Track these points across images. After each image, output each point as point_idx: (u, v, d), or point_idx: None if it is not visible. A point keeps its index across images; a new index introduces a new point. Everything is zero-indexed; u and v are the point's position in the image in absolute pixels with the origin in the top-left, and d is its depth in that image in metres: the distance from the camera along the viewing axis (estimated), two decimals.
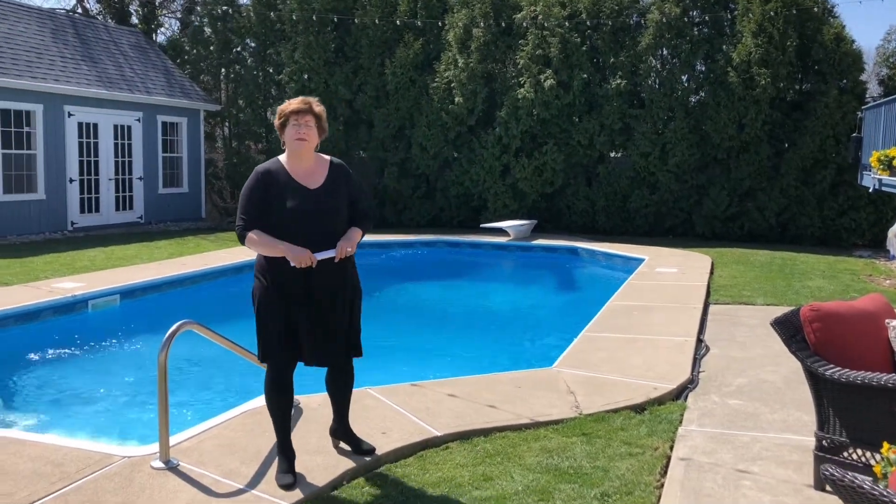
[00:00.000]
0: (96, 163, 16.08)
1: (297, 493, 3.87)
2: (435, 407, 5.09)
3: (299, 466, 4.13)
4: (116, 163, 16.61)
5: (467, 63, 17.10)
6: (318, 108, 4.07)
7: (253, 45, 20.21)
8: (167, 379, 4.13)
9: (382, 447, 4.43)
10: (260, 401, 4.91)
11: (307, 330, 3.94)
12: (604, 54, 16.83)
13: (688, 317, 8.03)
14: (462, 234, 16.37)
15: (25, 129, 14.48)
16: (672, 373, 5.93)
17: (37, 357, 7.01)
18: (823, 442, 3.84)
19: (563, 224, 17.63)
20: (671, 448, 4.51)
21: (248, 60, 20.47)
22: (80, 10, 25.02)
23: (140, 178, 17.22)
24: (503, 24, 17.47)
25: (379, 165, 18.63)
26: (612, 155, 17.45)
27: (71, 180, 15.45)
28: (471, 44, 17.25)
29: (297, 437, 4.42)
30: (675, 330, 7.41)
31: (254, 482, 3.96)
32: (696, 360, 6.44)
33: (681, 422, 4.96)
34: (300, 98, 4.05)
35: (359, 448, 4.29)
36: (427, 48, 18.06)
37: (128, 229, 16.39)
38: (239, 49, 20.52)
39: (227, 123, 20.88)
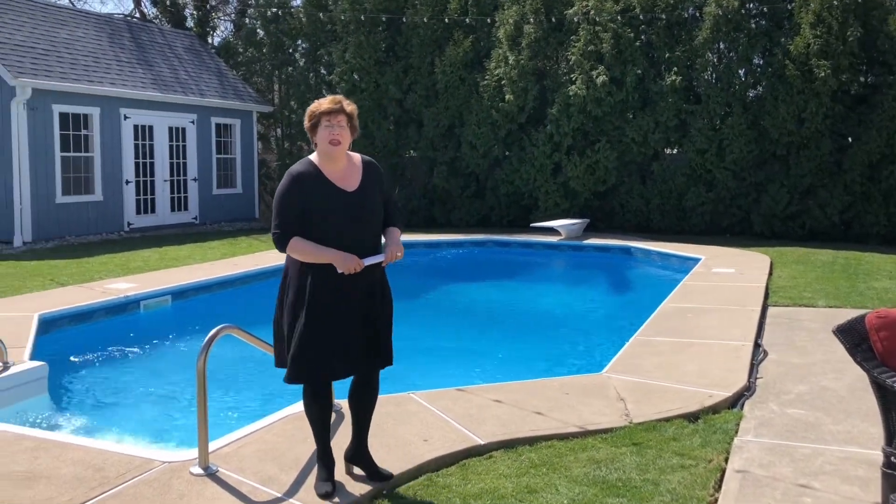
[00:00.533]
0: (152, 164, 16.35)
1: (336, 503, 3.78)
2: (479, 413, 4.96)
3: (339, 474, 4.04)
4: (171, 164, 16.87)
5: (518, 60, 16.91)
6: (350, 107, 3.94)
7: (304, 46, 20.34)
8: (206, 384, 4.08)
9: (423, 455, 4.31)
10: (301, 405, 4.84)
11: (342, 338, 3.83)
12: (658, 49, 16.45)
13: (745, 320, 7.74)
14: (512, 233, 16.19)
15: (83, 132, 14.78)
16: (728, 379, 5.69)
17: (88, 358, 7.09)
18: (892, 458, 3.60)
19: (616, 223, 17.30)
20: (726, 460, 4.30)
21: (300, 61, 20.61)
22: (137, 15, 25.55)
23: (194, 180, 17.46)
24: (554, 20, 17.22)
25: (428, 165, 18.56)
26: (669, 152, 17.07)
27: (127, 182, 15.73)
28: (521, 40, 17.05)
29: (338, 444, 4.33)
30: (732, 334, 7.14)
31: (292, 490, 3.88)
32: (754, 366, 6.18)
33: (736, 432, 4.73)
34: (331, 97, 3.91)
35: (375, 474, 4.00)
36: (477, 46, 17.92)
37: (182, 230, 16.63)
38: (291, 50, 20.67)
39: (279, 124, 21.06)
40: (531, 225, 16.07)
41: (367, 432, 4.08)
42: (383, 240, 4.00)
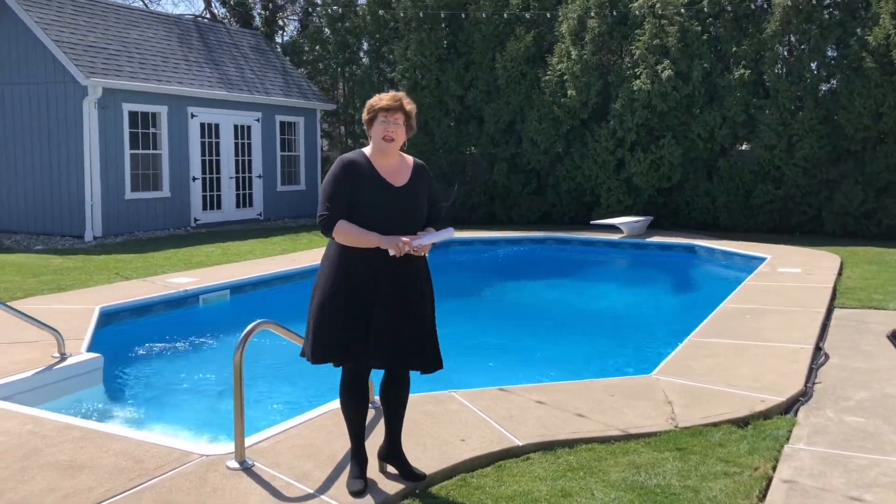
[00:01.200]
0: (218, 162, 16.70)
1: (367, 501, 3.76)
2: (520, 414, 4.88)
3: (373, 472, 4.02)
4: (237, 161, 17.20)
5: (581, 55, 16.67)
6: (410, 106, 3.93)
7: (368, 44, 20.49)
8: (242, 379, 4.12)
9: (460, 455, 4.26)
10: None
11: (378, 328, 3.80)
12: (726, 43, 16.02)
13: (808, 322, 7.44)
14: (573, 230, 15.98)
15: (152, 129, 15.19)
16: (783, 384, 5.47)
17: (144, 350, 7.26)
18: None
19: (680, 221, 16.92)
20: (773, 469, 4.12)
21: (364, 59, 20.77)
22: (207, 15, 26.15)
23: (259, 177, 17.77)
24: (618, 14, 16.92)
25: (489, 161, 18.48)
26: (740, 147, 16.59)
27: (194, 178, 16.11)
28: (585, 35, 16.81)
29: (375, 442, 4.31)
30: (792, 336, 6.87)
31: (324, 487, 3.88)
32: (812, 371, 5.93)
33: (788, 439, 4.54)
34: (391, 94, 3.92)
35: (408, 473, 3.97)
36: (539, 41, 17.75)
37: (247, 226, 16.95)
38: (355, 49, 20.85)
39: (343, 122, 21.27)
40: (591, 222, 15.84)
41: (399, 430, 4.05)
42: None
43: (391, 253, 3.65)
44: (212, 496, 3.76)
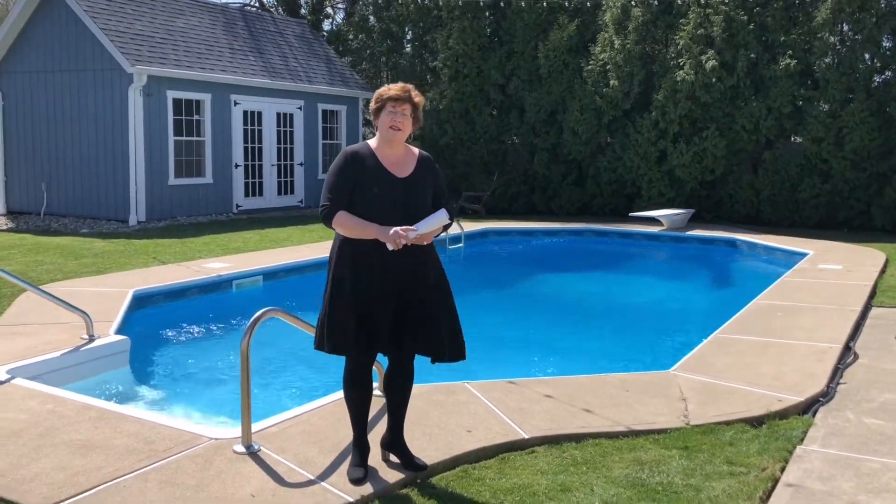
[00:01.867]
0: (260, 149, 16.91)
1: (367, 488, 3.80)
2: (530, 407, 4.86)
3: (376, 461, 4.06)
4: (279, 149, 17.40)
5: (624, 44, 16.45)
6: (418, 97, 3.93)
7: (411, 32, 20.51)
8: (249, 365, 4.18)
9: (463, 446, 4.27)
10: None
11: (384, 318, 3.82)
12: (773, 32, 15.64)
13: (840, 320, 7.26)
14: (612, 223, 15.82)
15: (195, 117, 15.45)
16: (804, 383, 5.36)
17: (172, 334, 7.42)
18: None
19: (723, 214, 16.64)
20: (782, 470, 4.04)
21: (407, 48, 20.80)
22: (256, 4, 26.45)
23: (301, 164, 17.95)
24: (663, 3, 16.63)
25: (529, 151, 18.38)
26: (786, 140, 16.22)
27: (236, 165, 16.34)
28: (628, 24, 16.58)
29: (379, 431, 4.34)
30: (821, 335, 6.71)
31: (325, 474, 3.93)
32: (838, 371, 5.78)
33: (801, 440, 4.45)
34: (400, 84, 3.92)
35: (410, 463, 3.99)
36: (582, 30, 17.56)
37: (287, 213, 17.15)
38: (398, 37, 20.89)
39: None
40: (630, 214, 15.66)
41: (402, 421, 4.07)
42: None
43: (389, 247, 3.66)
44: (214, 479, 3.84)
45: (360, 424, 4.00)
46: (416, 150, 4.01)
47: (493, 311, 9.18)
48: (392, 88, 3.88)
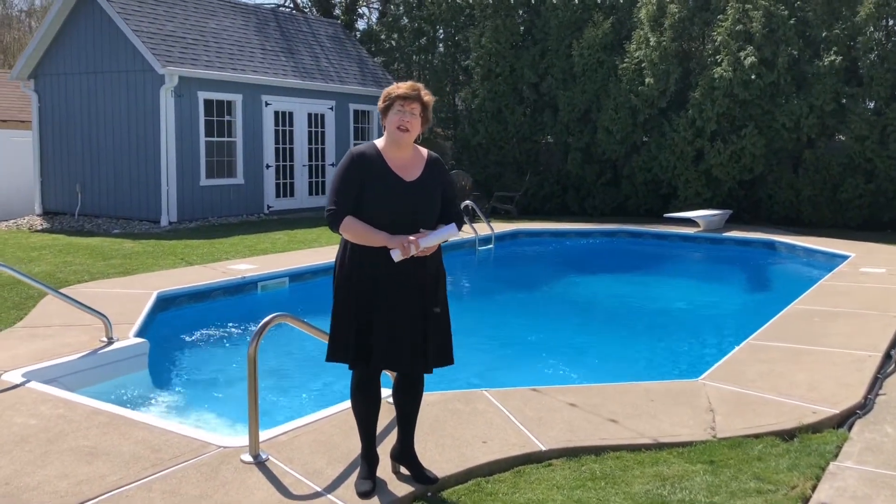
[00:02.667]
0: (291, 149, 16.91)
1: (374, 502, 3.66)
2: (549, 417, 4.69)
3: (386, 473, 3.92)
4: (310, 150, 17.38)
5: (659, 41, 16.13)
6: (427, 97, 3.78)
7: (444, 32, 20.38)
8: (257, 372, 4.07)
9: (478, 458, 4.12)
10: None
11: (382, 327, 3.68)
12: (814, 27, 15.20)
13: (881, 327, 6.95)
14: (647, 223, 15.51)
15: (226, 117, 15.48)
16: (840, 394, 5.10)
17: (194, 337, 7.36)
18: None
19: (762, 215, 16.23)
20: (813, 488, 3.82)
21: (439, 47, 20.68)
22: (290, 4, 26.54)
23: (332, 165, 17.91)
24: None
25: (563, 150, 18.13)
26: (836, 139, 15.76)
27: (267, 166, 16.35)
28: (664, 21, 16.24)
29: (391, 441, 4.20)
30: (860, 342, 6.42)
31: (333, 486, 3.80)
32: (877, 381, 5.51)
33: (835, 456, 4.21)
34: (409, 83, 3.77)
35: (421, 476, 3.84)
36: (617, 27, 17.26)
37: (318, 213, 17.10)
38: (430, 36, 20.78)
39: None
40: (665, 216, 15.33)
41: (412, 431, 3.93)
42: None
43: (396, 258, 3.53)
44: (218, 490, 3.73)
45: (368, 435, 3.87)
46: (424, 152, 3.86)
47: (520, 314, 9.00)
48: (401, 87, 3.73)
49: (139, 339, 6.26)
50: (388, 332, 3.65)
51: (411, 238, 3.53)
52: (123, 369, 5.96)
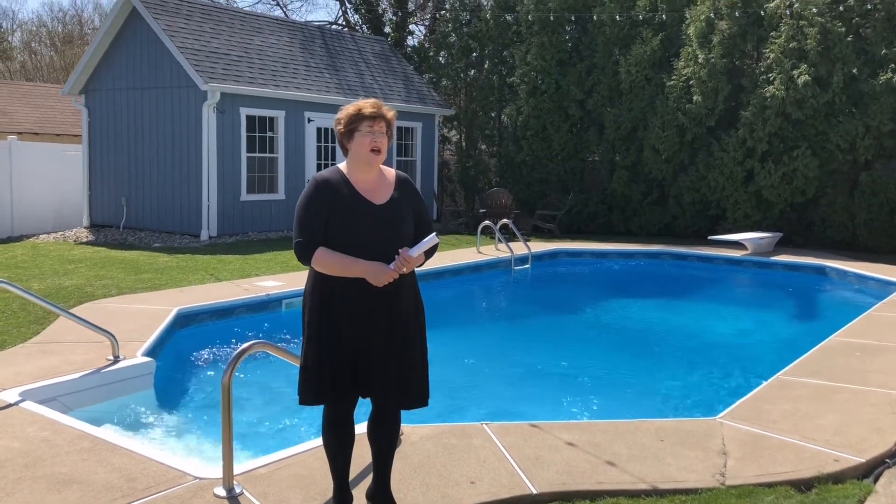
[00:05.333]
0: (333, 165, 16.88)
1: None
2: (548, 456, 4.42)
3: None
4: None
5: (708, 58, 15.68)
6: (390, 113, 3.61)
7: (490, 48, 20.24)
8: (231, 402, 3.91)
9: (463, 501, 3.87)
10: (360, 427, 4.56)
11: (365, 361, 3.49)
12: (873, 45, 14.57)
13: None
14: (694, 245, 15.02)
15: (268, 133, 15.56)
16: (869, 440, 4.71)
17: (208, 356, 7.27)
18: None
19: (814, 239, 15.59)
20: None
21: (486, 64, 20.54)
22: (342, 23, 26.74)
23: None
24: (751, 15, 15.78)
25: (608, 169, 17.76)
26: (886, 160, 15.10)
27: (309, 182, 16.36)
28: (713, 37, 15.80)
29: (369, 481, 3.98)
30: None
31: None
32: None
33: None
34: (371, 101, 3.59)
35: None
36: (666, 44, 16.87)
37: None
38: (477, 53, 20.66)
39: (462, 127, 21.12)
40: (709, 238, 14.83)
41: (387, 470, 3.70)
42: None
43: (378, 285, 3.35)
44: None
45: (339, 472, 3.67)
46: (391, 172, 3.66)
47: (543, 340, 8.72)
48: (365, 106, 3.53)
49: (146, 359, 6.18)
50: (372, 368, 3.46)
51: (392, 266, 3.34)
52: (126, 389, 5.88)
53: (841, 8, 14.72)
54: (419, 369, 3.56)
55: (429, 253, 3.54)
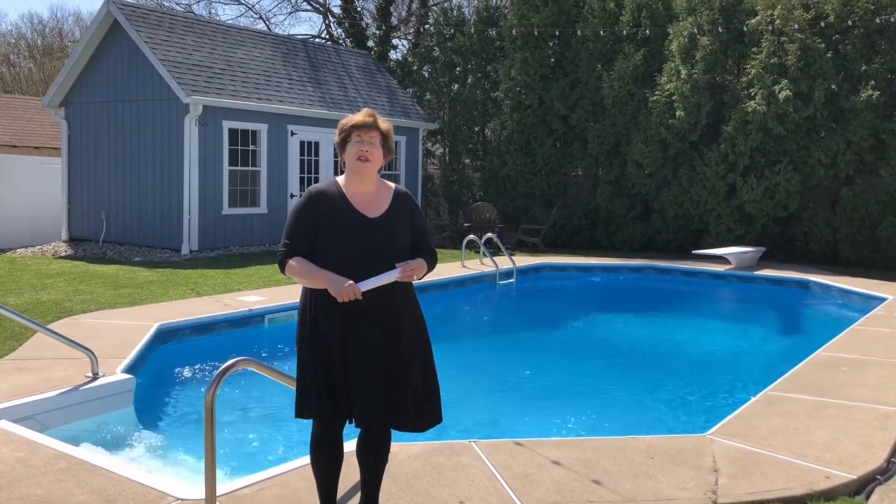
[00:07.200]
0: (316, 179, 16.81)
1: None
2: (537, 474, 4.35)
3: None
4: None
5: (690, 74, 15.78)
6: (385, 124, 3.56)
7: (473, 63, 20.27)
8: (214, 421, 3.80)
9: None
10: (349, 445, 4.47)
11: (352, 381, 3.41)
12: (853, 61, 14.71)
13: None
14: (677, 260, 15.05)
15: (251, 147, 15.45)
16: (859, 456, 4.67)
17: (188, 372, 7.15)
18: None
19: (797, 253, 15.69)
20: None
21: (469, 78, 20.57)
22: (325, 37, 26.73)
23: None
24: (733, 31, 15.90)
25: (592, 183, 17.80)
26: (875, 175, 15.21)
27: (292, 196, 16.27)
28: (696, 53, 15.90)
29: (357, 500, 3.89)
30: (889, 396, 5.96)
31: None
32: None
33: None
34: (365, 111, 3.55)
35: None
36: (648, 60, 16.96)
37: None
38: (460, 68, 20.68)
39: (446, 141, 21.11)
40: (693, 252, 14.87)
41: (376, 491, 3.62)
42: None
43: (339, 299, 3.27)
44: None
45: (326, 492, 3.59)
46: (391, 186, 3.60)
47: (529, 355, 8.65)
48: (355, 117, 3.52)
49: (125, 375, 6.05)
50: (360, 387, 3.37)
51: (349, 283, 3.25)
52: (105, 407, 5.75)
53: (822, 24, 14.87)
54: (420, 388, 3.46)
55: (431, 266, 3.51)
